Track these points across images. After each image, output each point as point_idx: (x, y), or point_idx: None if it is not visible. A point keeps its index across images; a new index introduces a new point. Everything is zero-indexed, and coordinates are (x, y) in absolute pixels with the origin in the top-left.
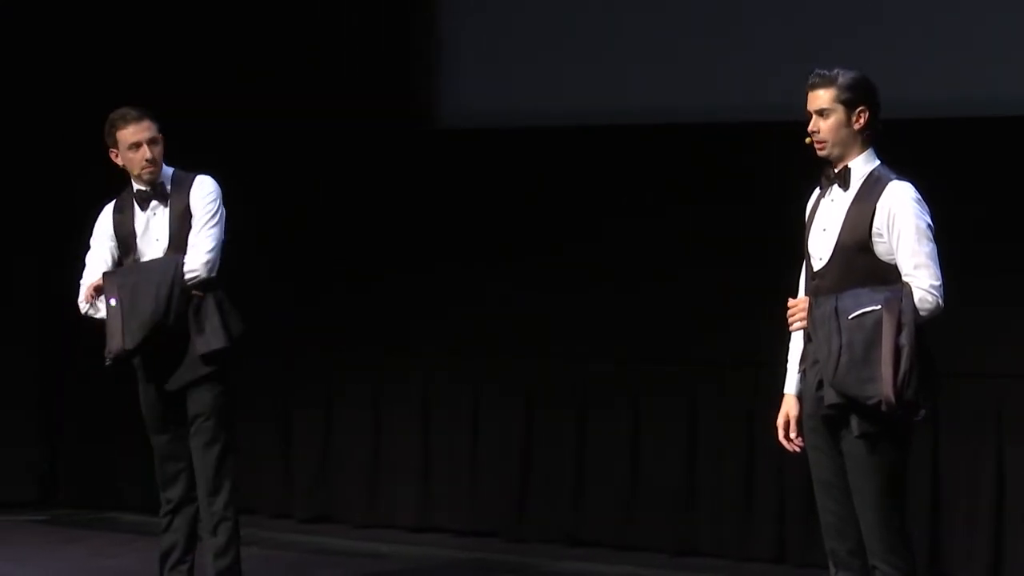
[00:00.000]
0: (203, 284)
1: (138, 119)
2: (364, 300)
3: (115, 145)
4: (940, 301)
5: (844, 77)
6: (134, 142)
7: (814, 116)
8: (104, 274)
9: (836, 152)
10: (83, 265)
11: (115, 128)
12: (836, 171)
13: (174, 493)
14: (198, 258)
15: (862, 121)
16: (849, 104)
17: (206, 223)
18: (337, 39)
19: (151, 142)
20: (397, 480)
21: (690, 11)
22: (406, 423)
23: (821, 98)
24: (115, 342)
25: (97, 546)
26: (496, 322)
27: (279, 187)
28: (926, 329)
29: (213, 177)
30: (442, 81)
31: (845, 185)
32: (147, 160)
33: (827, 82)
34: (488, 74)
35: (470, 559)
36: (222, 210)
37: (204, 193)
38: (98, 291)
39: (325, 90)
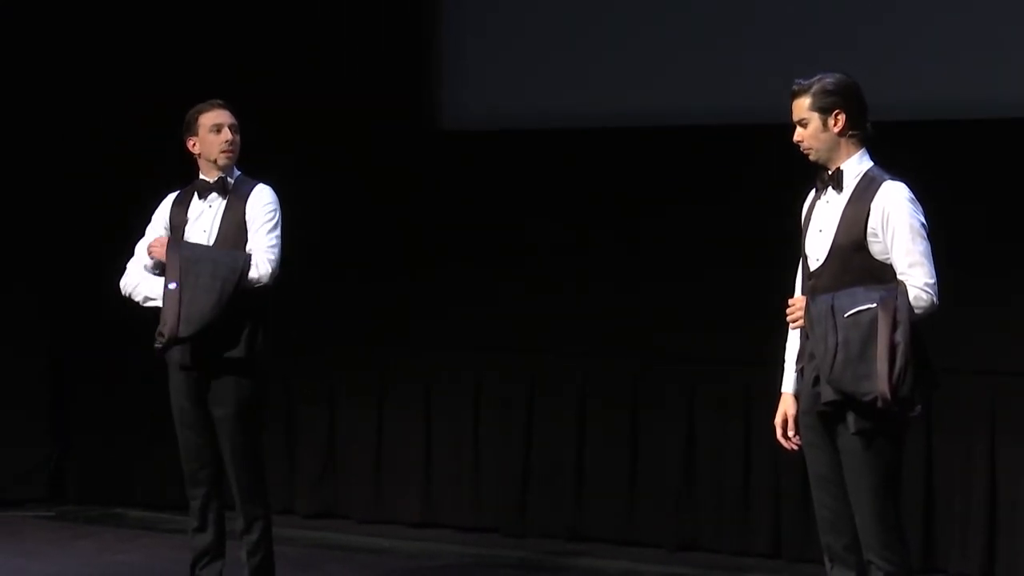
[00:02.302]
0: (261, 290)
1: (221, 106)
2: (367, 299)
3: (195, 132)
4: (934, 299)
5: (818, 84)
6: (216, 124)
7: (797, 126)
8: (168, 247)
9: (823, 156)
10: (131, 253)
11: (198, 113)
12: (829, 173)
13: (199, 491)
14: (264, 266)
15: (840, 124)
16: (823, 110)
17: (269, 229)
18: (339, 40)
19: (232, 127)
20: (400, 476)
21: (690, 14)
22: (409, 420)
23: (798, 108)
24: (169, 327)
25: (105, 542)
26: (497, 321)
27: (280, 188)
28: (921, 327)
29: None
30: (444, 83)
31: (839, 187)
32: (227, 142)
33: (802, 92)
34: (490, 76)
35: (472, 554)
36: (280, 219)
37: (264, 202)
38: (159, 248)
39: (326, 91)
